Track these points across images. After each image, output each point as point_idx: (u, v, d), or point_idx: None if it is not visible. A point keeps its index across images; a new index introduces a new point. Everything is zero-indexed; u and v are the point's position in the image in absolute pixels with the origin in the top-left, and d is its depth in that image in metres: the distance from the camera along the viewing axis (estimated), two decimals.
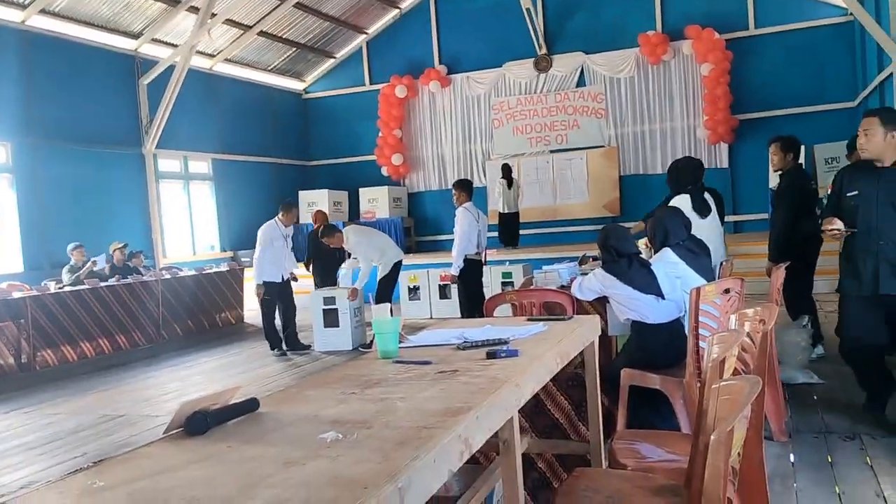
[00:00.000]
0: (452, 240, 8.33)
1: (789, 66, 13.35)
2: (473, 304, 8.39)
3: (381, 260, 8.59)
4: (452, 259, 8.10)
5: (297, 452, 1.58)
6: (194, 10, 12.31)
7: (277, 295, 8.79)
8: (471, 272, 8.23)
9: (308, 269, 9.93)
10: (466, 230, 8.01)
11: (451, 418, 1.77)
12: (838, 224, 4.09)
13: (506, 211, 13.55)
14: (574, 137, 14.79)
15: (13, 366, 8.09)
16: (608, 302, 4.17)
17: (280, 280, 8.74)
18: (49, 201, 10.82)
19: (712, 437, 1.52)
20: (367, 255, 8.53)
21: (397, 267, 8.71)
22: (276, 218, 8.80)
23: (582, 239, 13.93)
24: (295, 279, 9.13)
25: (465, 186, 8.34)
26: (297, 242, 9.58)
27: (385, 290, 8.58)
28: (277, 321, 8.94)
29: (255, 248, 8.77)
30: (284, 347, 8.82)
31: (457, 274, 8.12)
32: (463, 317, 8.41)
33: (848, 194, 4.20)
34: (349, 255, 9.01)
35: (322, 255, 9.50)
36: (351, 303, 8.68)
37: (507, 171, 13.62)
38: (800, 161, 6.44)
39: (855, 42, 12.76)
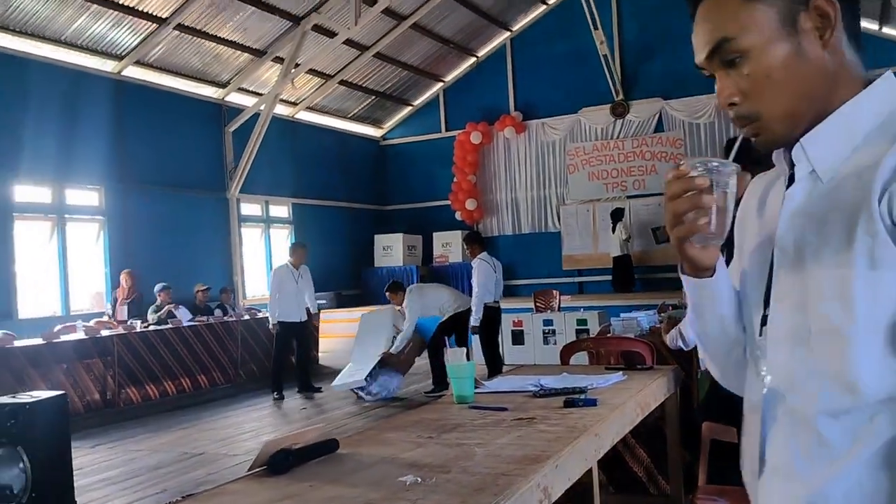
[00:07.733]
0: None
1: None
2: (492, 351, 8.49)
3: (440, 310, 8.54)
4: (472, 311, 8.31)
5: (378, 494, 1.59)
6: (279, 60, 12.78)
7: (293, 335, 9.03)
8: (488, 320, 8.45)
9: None
10: (484, 281, 8.35)
11: (529, 466, 1.75)
12: None
13: (612, 254, 13.78)
14: (652, 183, 14.59)
15: (99, 401, 8.37)
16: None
17: (297, 320, 8.97)
18: (137, 243, 11.20)
19: None
20: (415, 317, 8.35)
21: (458, 317, 8.45)
22: (288, 261, 9.14)
23: (659, 286, 13.68)
24: (318, 310, 9.58)
25: (475, 240, 8.76)
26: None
27: (449, 332, 8.55)
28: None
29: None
30: (284, 393, 9.08)
31: (478, 324, 8.34)
32: (487, 365, 8.36)
33: None
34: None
35: None
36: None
37: (613, 215, 13.84)
38: None
39: None
